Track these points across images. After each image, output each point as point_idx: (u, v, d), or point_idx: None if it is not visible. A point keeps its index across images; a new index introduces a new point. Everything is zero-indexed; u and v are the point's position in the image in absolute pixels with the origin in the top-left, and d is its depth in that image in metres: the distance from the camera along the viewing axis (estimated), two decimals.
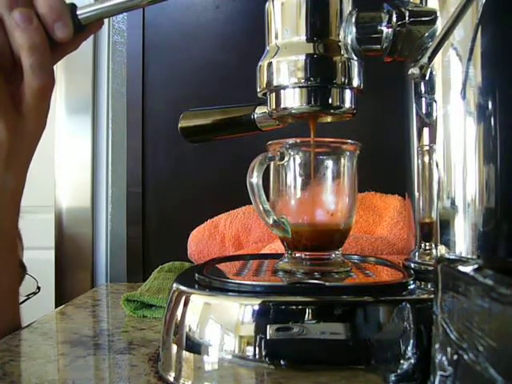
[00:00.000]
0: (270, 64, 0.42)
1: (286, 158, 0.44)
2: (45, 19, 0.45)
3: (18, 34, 0.44)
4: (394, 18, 0.42)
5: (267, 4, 0.44)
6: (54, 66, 0.49)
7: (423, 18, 0.42)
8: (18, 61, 0.46)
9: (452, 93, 0.42)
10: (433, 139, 0.43)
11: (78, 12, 0.46)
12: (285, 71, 0.42)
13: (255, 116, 0.52)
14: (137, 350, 0.48)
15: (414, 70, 0.37)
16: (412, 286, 0.39)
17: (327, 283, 0.39)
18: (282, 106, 0.43)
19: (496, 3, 0.41)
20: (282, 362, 0.34)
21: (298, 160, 0.44)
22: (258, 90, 0.45)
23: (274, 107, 0.44)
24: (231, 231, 0.82)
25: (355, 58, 0.42)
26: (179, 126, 0.56)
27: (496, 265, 0.26)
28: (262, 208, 0.41)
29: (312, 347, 0.35)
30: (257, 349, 0.35)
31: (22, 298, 0.60)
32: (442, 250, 0.43)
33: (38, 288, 0.75)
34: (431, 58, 0.37)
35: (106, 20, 0.50)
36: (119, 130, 0.98)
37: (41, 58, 0.45)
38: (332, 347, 0.35)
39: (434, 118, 0.43)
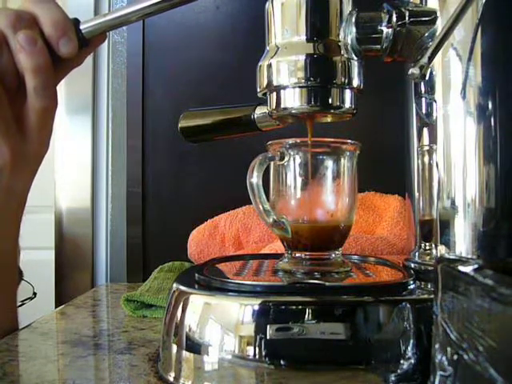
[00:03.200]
0: (269, 64, 0.42)
1: (286, 158, 0.44)
2: (49, 36, 0.45)
3: (23, 56, 0.44)
4: (394, 18, 0.42)
5: (267, 4, 0.44)
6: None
7: (423, 18, 0.42)
8: (22, 81, 0.45)
9: (452, 93, 0.42)
10: (433, 139, 0.43)
11: (81, 27, 0.46)
12: (285, 71, 0.42)
13: (255, 116, 0.52)
14: (137, 350, 0.48)
15: (414, 70, 0.37)
16: (412, 286, 0.39)
17: (327, 283, 0.39)
18: (282, 106, 0.43)
19: (496, 3, 0.41)
20: (282, 362, 0.34)
21: (298, 160, 0.44)
22: (258, 90, 0.45)
23: (273, 107, 0.44)
24: (231, 231, 0.82)
25: (355, 57, 0.42)
26: (179, 125, 0.56)
27: (496, 265, 0.26)
28: (262, 208, 0.41)
29: (312, 347, 0.35)
30: (257, 349, 0.35)
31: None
32: (442, 250, 0.43)
33: (34, 294, 0.75)
34: (431, 58, 0.37)
35: None
36: (119, 130, 0.98)
37: (44, 80, 0.45)
38: (332, 347, 0.35)
39: (434, 118, 0.43)
